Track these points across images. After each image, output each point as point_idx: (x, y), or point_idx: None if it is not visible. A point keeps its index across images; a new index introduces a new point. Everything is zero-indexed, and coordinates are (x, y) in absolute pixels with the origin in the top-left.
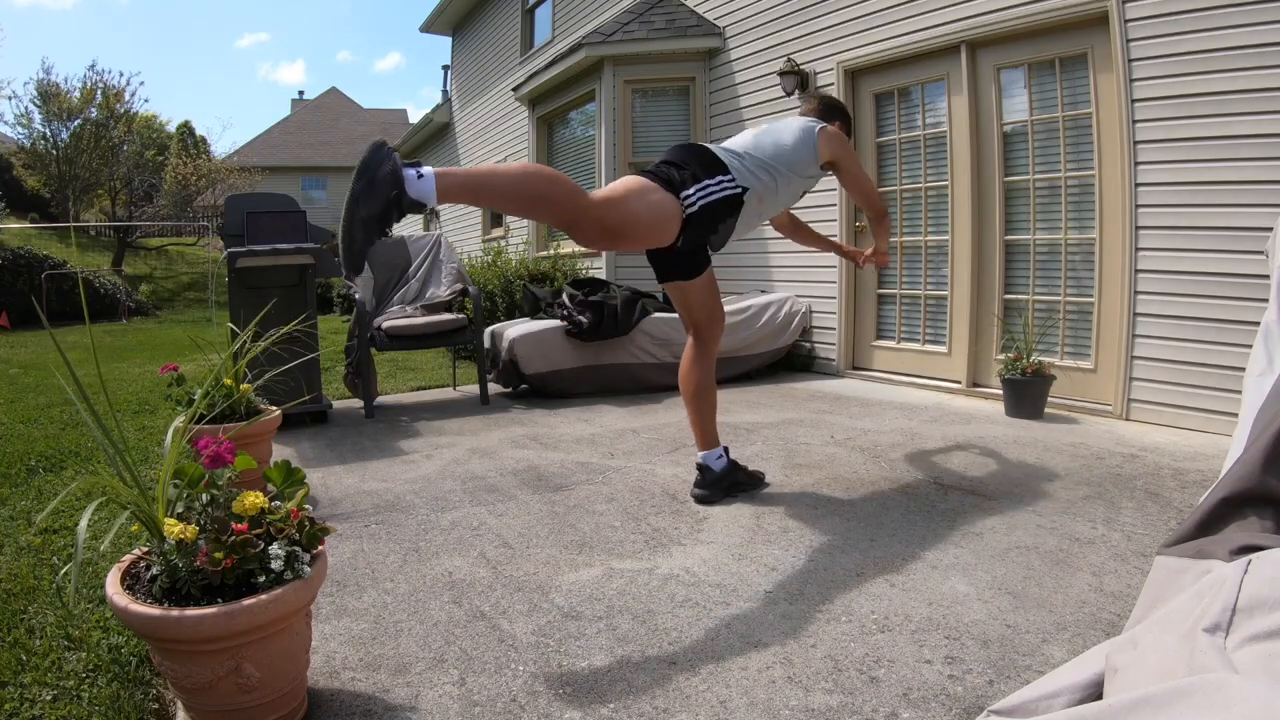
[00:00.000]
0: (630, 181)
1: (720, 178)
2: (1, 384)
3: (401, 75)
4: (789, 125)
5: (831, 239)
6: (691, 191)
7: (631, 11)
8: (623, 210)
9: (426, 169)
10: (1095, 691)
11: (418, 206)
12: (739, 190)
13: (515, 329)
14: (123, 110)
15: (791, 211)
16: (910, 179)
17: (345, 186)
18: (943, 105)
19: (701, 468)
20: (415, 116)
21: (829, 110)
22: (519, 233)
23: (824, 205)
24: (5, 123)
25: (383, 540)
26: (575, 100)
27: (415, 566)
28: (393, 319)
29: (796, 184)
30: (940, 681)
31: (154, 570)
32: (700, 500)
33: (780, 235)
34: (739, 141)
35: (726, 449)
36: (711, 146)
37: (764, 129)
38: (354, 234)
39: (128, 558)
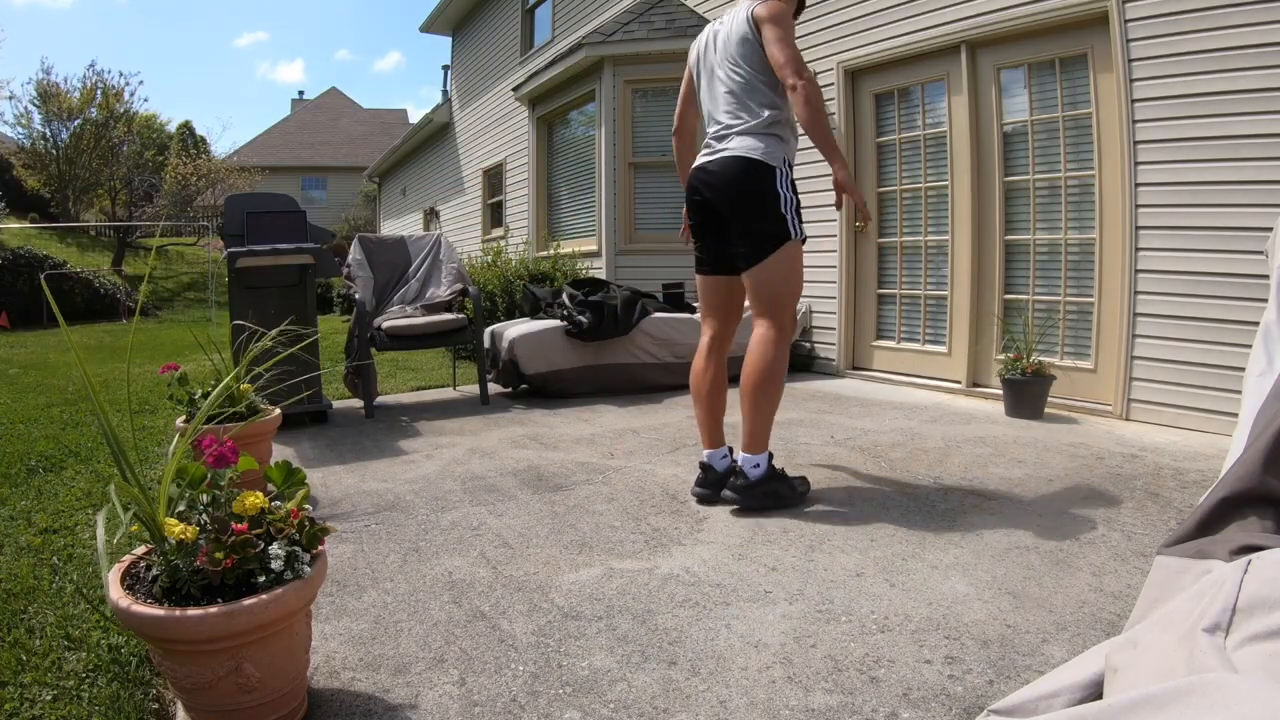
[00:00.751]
0: (765, 280)
1: (780, 190)
2: (1, 384)
3: (401, 75)
4: (736, 42)
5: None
6: (793, 229)
7: (631, 11)
8: (791, 313)
9: (746, 462)
10: (1095, 691)
11: (771, 460)
12: (788, 169)
13: (515, 329)
14: (122, 110)
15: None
16: (910, 179)
17: (345, 185)
18: (943, 105)
19: (705, 466)
20: (415, 116)
21: None
22: (519, 233)
23: (824, 205)
24: (5, 123)
25: (383, 540)
26: (575, 100)
27: (415, 566)
28: (393, 319)
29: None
30: (940, 681)
31: (154, 570)
32: (701, 500)
33: None
34: (722, 99)
35: (730, 449)
36: (737, 151)
37: (728, 65)
38: (796, 502)
39: (128, 558)
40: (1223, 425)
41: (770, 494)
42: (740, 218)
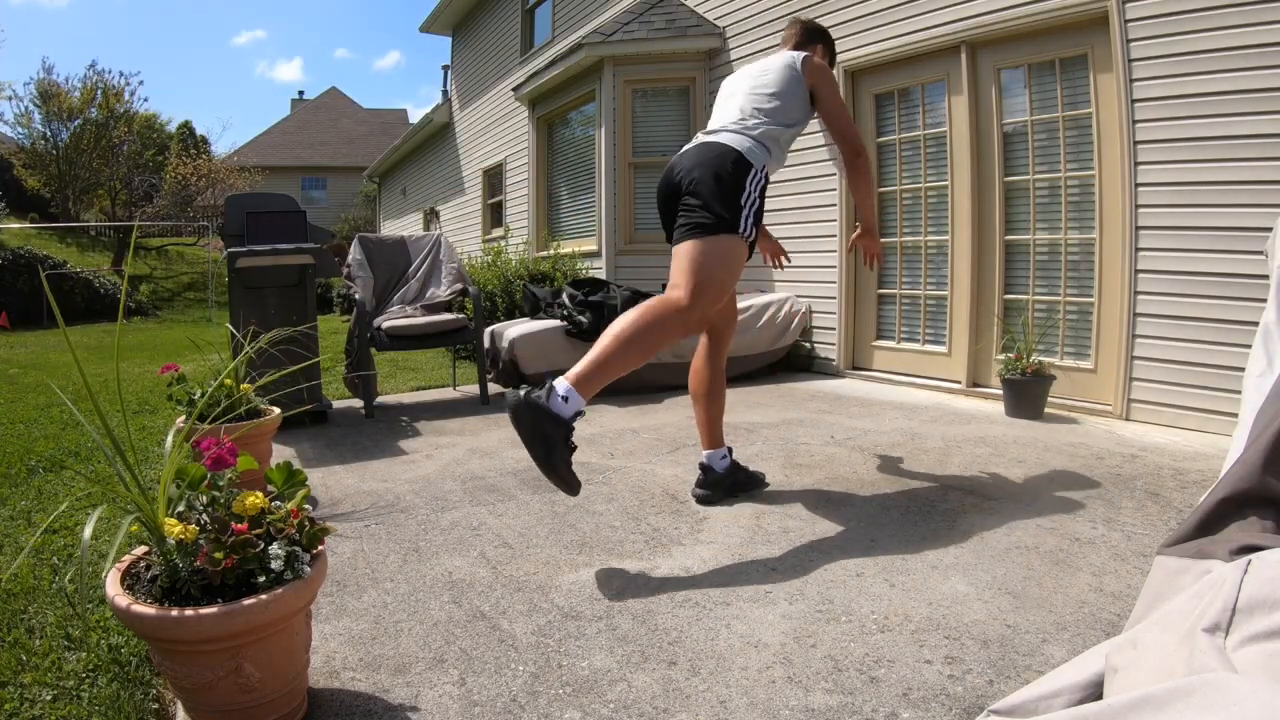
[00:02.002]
0: (695, 254)
1: (747, 185)
2: (1, 384)
3: (401, 75)
4: (774, 71)
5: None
6: (744, 225)
7: (631, 11)
8: (712, 294)
9: (560, 386)
10: (1095, 691)
11: (578, 416)
12: (763, 174)
13: (515, 329)
14: (122, 110)
15: None
16: (910, 179)
17: (345, 185)
18: (943, 105)
19: (704, 467)
20: (415, 116)
21: (809, 34)
22: (519, 233)
23: (824, 205)
24: (5, 123)
25: (383, 540)
26: (575, 100)
27: (415, 566)
28: (393, 319)
29: (791, 136)
30: (940, 681)
31: (154, 570)
32: (701, 500)
33: (782, 236)
34: (732, 110)
35: (730, 449)
36: (723, 140)
37: (751, 84)
38: (560, 473)
39: (128, 558)
40: (1223, 425)
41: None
42: (698, 194)
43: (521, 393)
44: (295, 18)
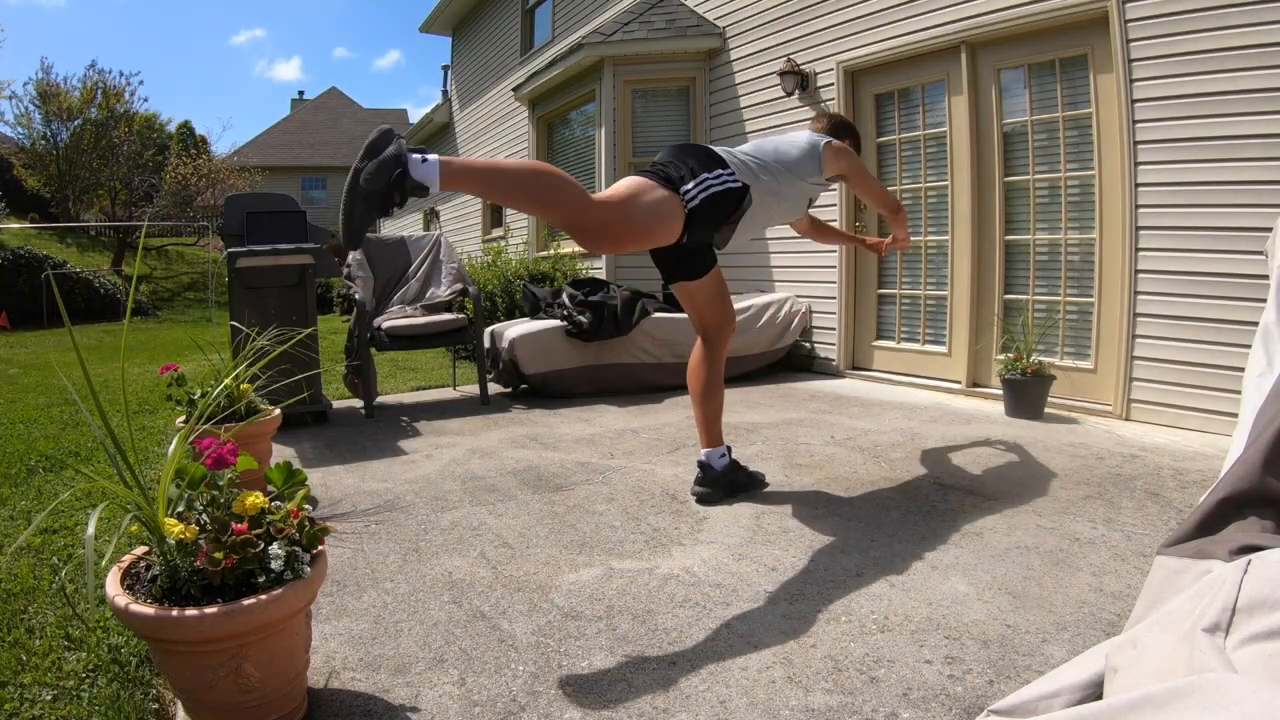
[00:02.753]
0: (630, 182)
1: (719, 171)
2: (1, 384)
3: (401, 74)
4: (794, 138)
5: (848, 233)
6: (691, 186)
7: (631, 11)
8: (624, 210)
9: (432, 155)
10: (1095, 691)
11: (420, 190)
12: (740, 185)
13: (515, 329)
14: (123, 110)
15: (810, 213)
16: (910, 179)
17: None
18: (943, 106)
19: (703, 465)
20: (415, 116)
21: (838, 128)
22: (519, 233)
23: (825, 206)
24: (5, 123)
25: (383, 540)
26: (575, 100)
27: (415, 566)
28: (393, 319)
29: (799, 188)
30: (940, 681)
31: (154, 570)
32: (700, 499)
33: (781, 236)
34: (739, 148)
35: (729, 448)
36: (711, 146)
37: (768, 140)
38: (354, 210)
39: (128, 558)
40: (1223, 425)
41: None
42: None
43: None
44: (294, 17)
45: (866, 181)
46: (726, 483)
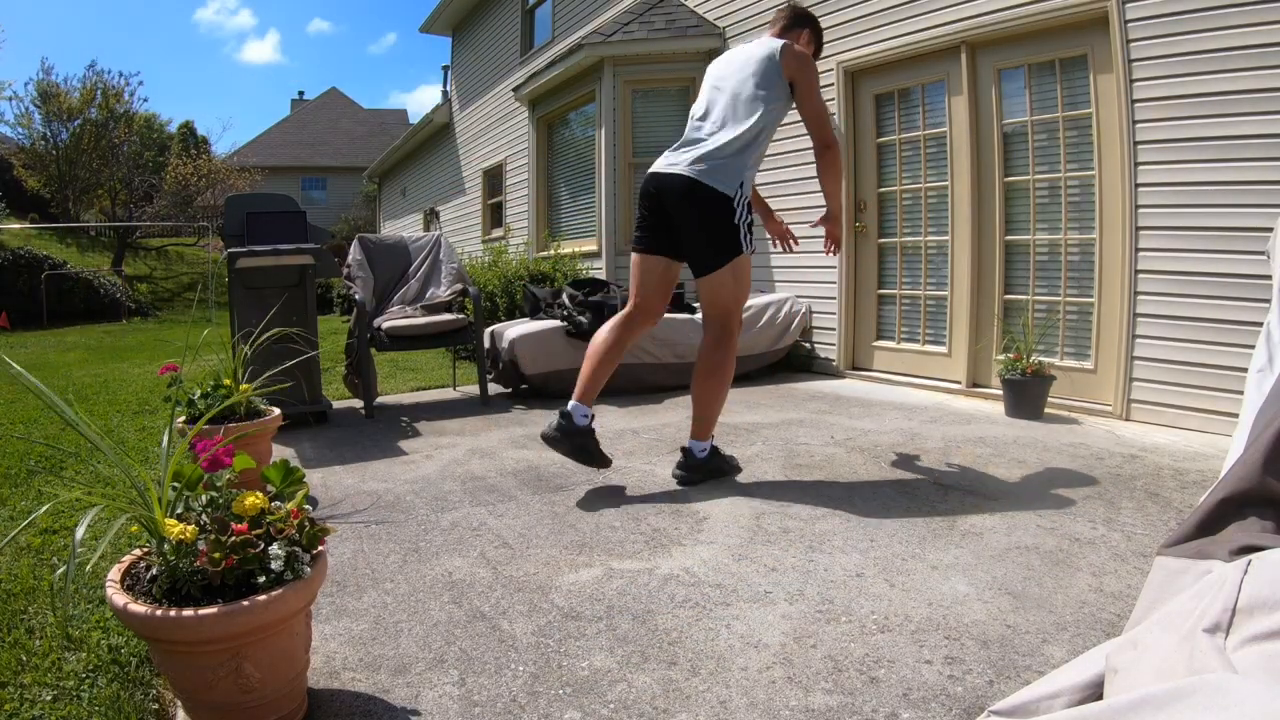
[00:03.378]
0: (737, 289)
1: (736, 208)
2: (1, 384)
3: (400, 73)
4: (756, 62)
5: (774, 217)
6: (744, 239)
7: (631, 12)
8: (740, 311)
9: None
10: (1095, 692)
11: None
12: (744, 193)
13: (515, 329)
14: (122, 111)
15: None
16: (910, 179)
17: (346, 185)
18: (943, 106)
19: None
20: (415, 117)
21: (795, 19)
22: (519, 233)
23: (825, 206)
24: (5, 123)
25: (383, 540)
26: (575, 101)
27: (415, 567)
28: (393, 319)
29: (774, 126)
30: (940, 682)
31: (154, 570)
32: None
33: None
34: (716, 118)
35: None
36: (704, 181)
37: (736, 83)
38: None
39: (128, 558)
40: (1223, 425)
41: (714, 470)
42: (698, 238)
43: (680, 472)
44: (294, 14)
45: (811, 97)
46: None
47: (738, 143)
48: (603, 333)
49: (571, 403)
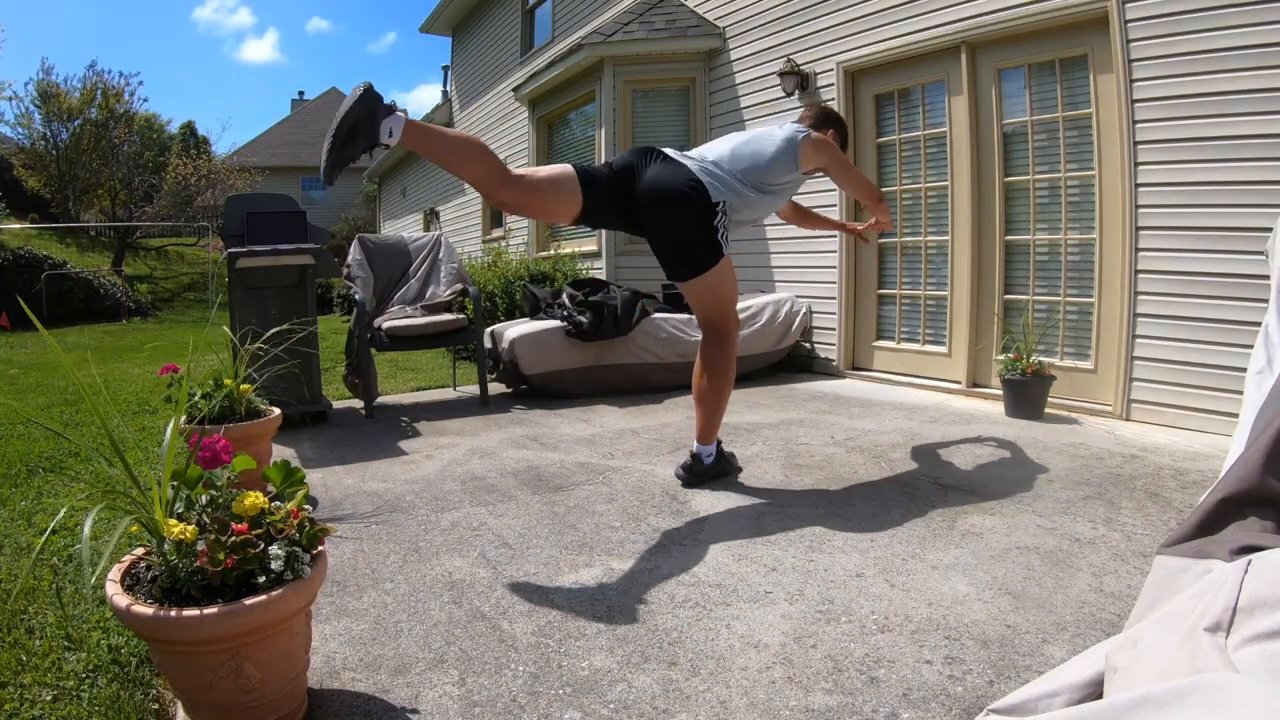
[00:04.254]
0: (726, 288)
1: (718, 211)
2: (1, 384)
3: (395, 62)
4: (774, 135)
5: (832, 219)
6: (723, 240)
7: (631, 12)
8: (734, 311)
9: (704, 451)
10: (1095, 691)
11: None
12: (723, 209)
13: (515, 329)
14: (122, 111)
15: (794, 200)
16: (910, 179)
17: (345, 185)
18: (943, 106)
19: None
20: (415, 116)
21: (823, 119)
22: (519, 233)
23: (825, 206)
24: (5, 123)
25: (383, 540)
26: (575, 101)
27: (415, 567)
28: (393, 319)
29: (775, 192)
30: (940, 682)
31: (154, 571)
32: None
33: (781, 236)
34: (717, 149)
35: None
36: (680, 157)
37: (749, 136)
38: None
39: (128, 558)
40: (1223, 425)
41: (719, 472)
42: (680, 241)
43: (683, 473)
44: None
45: (846, 172)
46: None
47: (727, 172)
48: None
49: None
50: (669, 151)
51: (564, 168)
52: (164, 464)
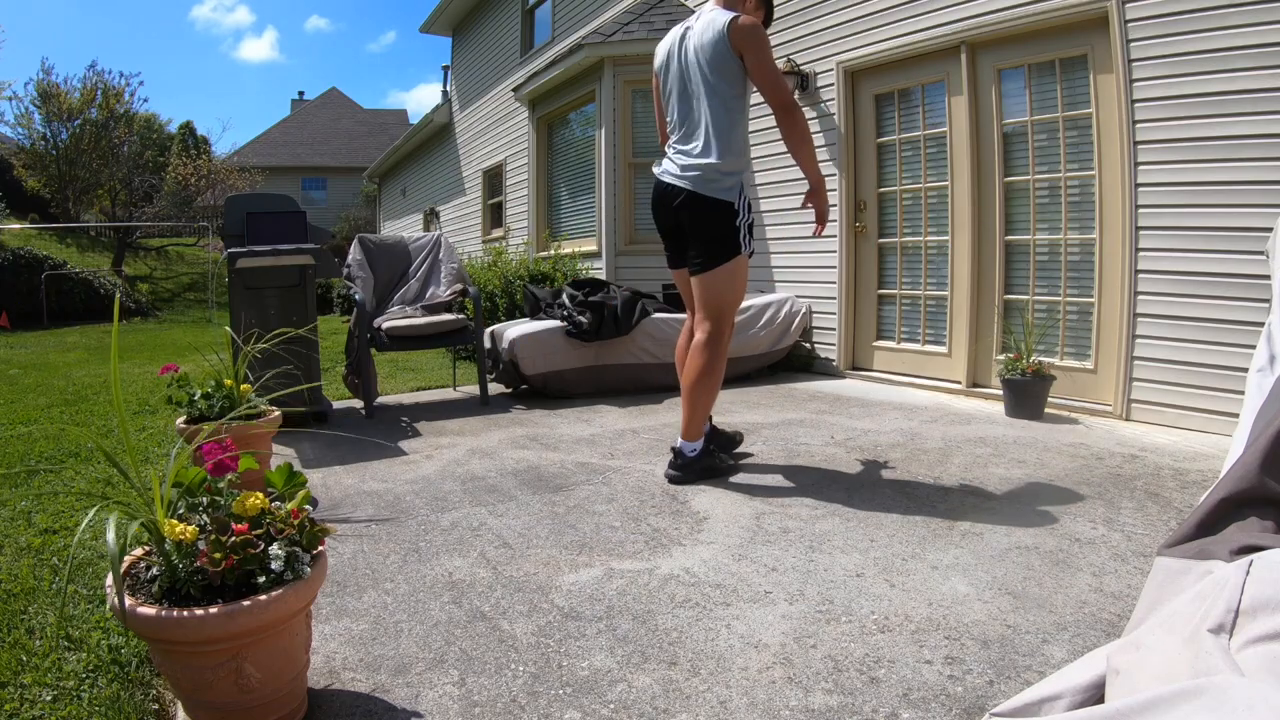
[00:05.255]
0: (732, 290)
1: (738, 210)
2: (1, 384)
3: (395, 61)
4: (710, 48)
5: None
6: (744, 240)
7: (631, 11)
8: (734, 312)
9: (685, 446)
10: (1097, 693)
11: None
12: (743, 193)
13: (515, 329)
14: (122, 111)
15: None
16: (910, 179)
17: (345, 185)
18: (943, 106)
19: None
20: (415, 117)
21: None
22: (519, 233)
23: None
24: (5, 123)
25: (383, 540)
26: (575, 101)
27: (415, 567)
28: (393, 319)
29: (736, 109)
30: (940, 682)
31: (154, 571)
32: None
33: (781, 236)
34: (696, 126)
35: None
36: (694, 188)
37: (699, 78)
38: (724, 471)
39: (128, 558)
40: (1223, 425)
41: (707, 469)
42: (699, 239)
43: (671, 471)
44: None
45: (762, 67)
46: (700, 468)
47: (714, 150)
48: (680, 350)
49: (679, 441)
50: (664, 167)
51: (675, 275)
52: (170, 465)
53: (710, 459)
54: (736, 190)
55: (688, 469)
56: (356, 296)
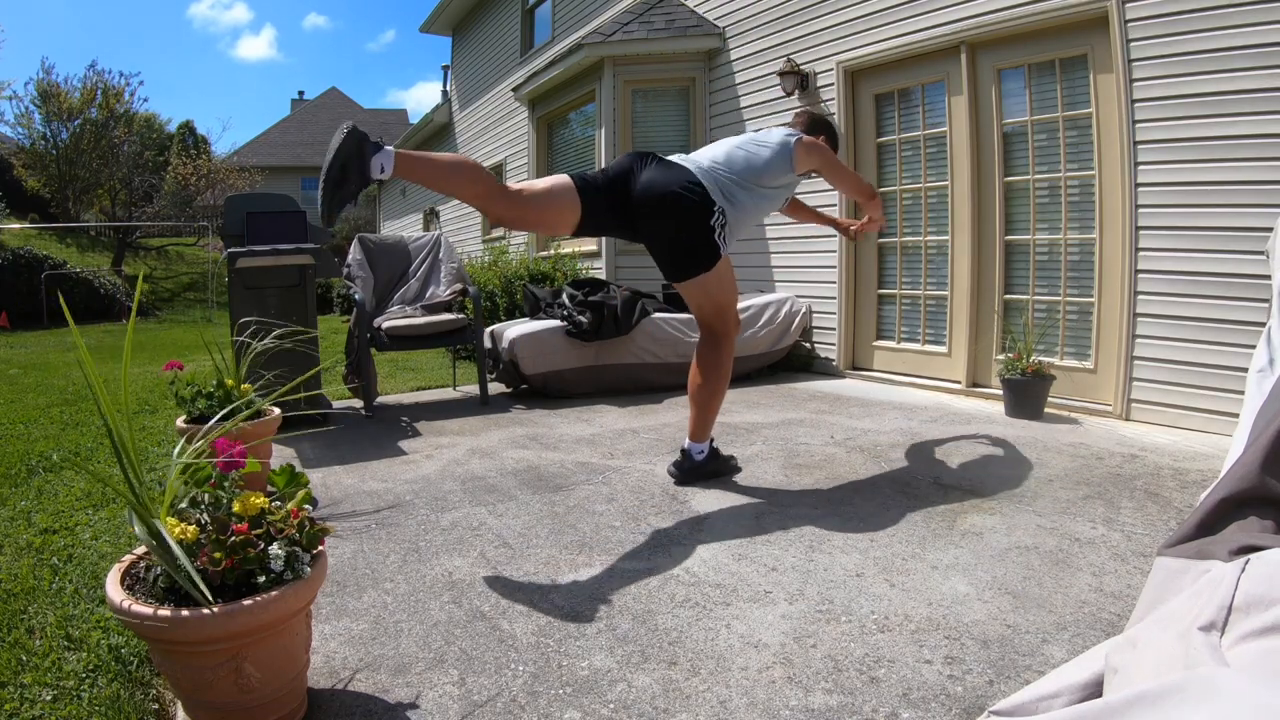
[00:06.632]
0: (723, 291)
1: (714, 212)
2: (1, 384)
3: (394, 60)
4: (768, 139)
5: (827, 215)
6: (721, 241)
7: (631, 11)
8: (733, 311)
9: (694, 447)
10: (1095, 691)
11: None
12: (720, 213)
13: (515, 329)
14: (122, 110)
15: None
16: (910, 179)
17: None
18: (943, 106)
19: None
20: (415, 117)
21: (814, 125)
22: (519, 233)
23: (824, 205)
24: (5, 123)
25: (383, 540)
26: (575, 100)
27: (415, 566)
28: (393, 319)
29: (771, 195)
30: (940, 681)
31: (154, 570)
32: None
33: (781, 236)
34: (711, 152)
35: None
36: (679, 160)
37: (742, 140)
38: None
39: (128, 557)
40: (1223, 425)
41: (711, 472)
42: (672, 243)
43: (676, 471)
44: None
45: (839, 172)
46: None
47: (723, 175)
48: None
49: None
50: (667, 157)
51: (560, 178)
52: (174, 465)
53: (715, 462)
54: (721, 202)
55: (692, 472)
56: (356, 296)
